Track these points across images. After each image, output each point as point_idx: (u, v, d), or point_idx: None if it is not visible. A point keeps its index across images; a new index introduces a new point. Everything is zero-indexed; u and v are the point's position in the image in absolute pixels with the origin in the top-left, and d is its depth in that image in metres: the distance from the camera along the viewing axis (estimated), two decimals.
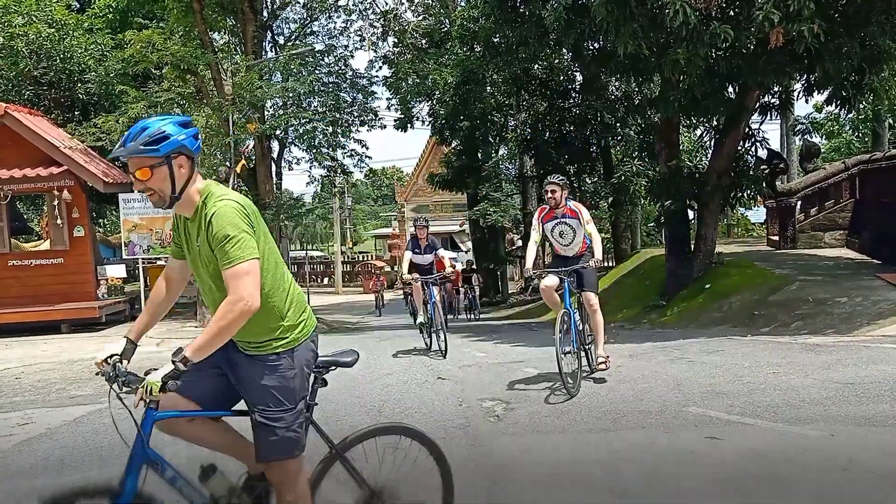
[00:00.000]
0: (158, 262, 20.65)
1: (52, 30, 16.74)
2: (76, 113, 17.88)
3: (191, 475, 2.85)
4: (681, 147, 17.05)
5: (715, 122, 14.69)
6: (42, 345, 12.53)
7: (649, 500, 3.98)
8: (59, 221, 15.17)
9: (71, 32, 17.39)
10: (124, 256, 17.17)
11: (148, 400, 2.64)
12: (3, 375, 9.58)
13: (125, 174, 17.03)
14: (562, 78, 21.32)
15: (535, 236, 7.05)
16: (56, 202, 15.05)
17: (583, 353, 7.02)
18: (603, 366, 6.95)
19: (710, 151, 15.49)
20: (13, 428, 6.41)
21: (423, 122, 25.90)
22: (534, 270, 7.10)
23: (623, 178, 20.57)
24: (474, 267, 21.57)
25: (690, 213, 16.25)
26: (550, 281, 6.88)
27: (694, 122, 16.36)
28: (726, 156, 14.06)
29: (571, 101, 21.79)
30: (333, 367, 3.15)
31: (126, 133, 2.69)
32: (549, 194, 6.82)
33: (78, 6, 19.59)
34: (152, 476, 2.74)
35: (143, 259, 16.61)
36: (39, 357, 11.20)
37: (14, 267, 15.19)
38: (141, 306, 16.25)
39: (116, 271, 17.18)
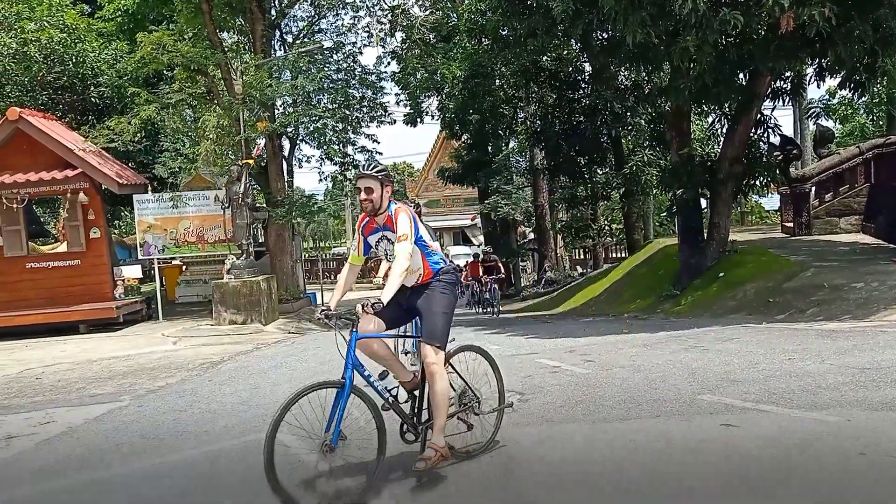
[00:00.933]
0: (173, 262, 20.86)
1: (65, 35, 16.87)
2: (90, 116, 18.04)
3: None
4: (692, 135, 16.94)
5: (726, 109, 14.60)
6: (61, 345, 12.69)
7: (664, 489, 3.99)
8: (75, 223, 15.33)
9: (83, 37, 17.53)
10: (140, 257, 17.34)
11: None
12: (24, 376, 9.72)
13: (139, 175, 17.20)
14: (570, 69, 21.23)
15: (352, 255, 4.73)
16: (71, 205, 15.20)
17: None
18: (424, 463, 4.18)
19: (722, 139, 15.39)
20: (35, 427, 6.52)
21: (432, 116, 25.93)
22: (334, 310, 4.29)
23: (634, 167, 20.48)
24: (494, 256, 20.69)
25: (703, 202, 16.16)
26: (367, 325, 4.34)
27: (705, 109, 16.24)
28: (738, 143, 13.97)
29: (581, 91, 21.70)
30: None
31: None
32: (363, 195, 4.36)
33: (89, 10, 19.72)
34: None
35: (158, 259, 16.77)
36: (59, 357, 11.34)
37: (32, 269, 15.36)
38: (157, 306, 16.42)
39: (132, 272, 17.36)
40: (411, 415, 4.49)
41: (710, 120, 21.71)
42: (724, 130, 15.11)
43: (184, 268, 21.72)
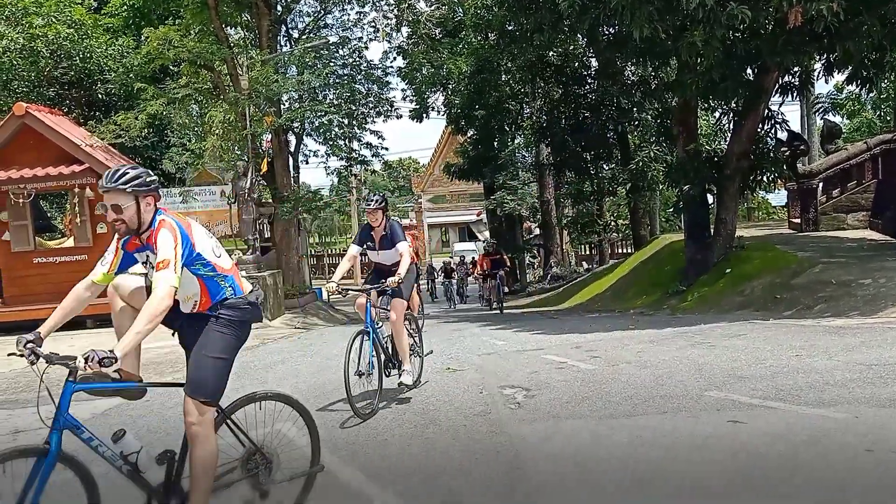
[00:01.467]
0: None
1: (72, 31, 16.91)
2: (96, 111, 18.07)
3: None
4: (699, 130, 16.88)
5: (734, 105, 14.53)
6: (69, 340, 12.71)
7: (671, 484, 3.99)
8: (81, 219, 15.36)
9: (90, 33, 17.56)
10: None
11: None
12: (31, 371, 9.73)
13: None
14: (577, 64, 21.16)
15: (99, 272, 3.74)
16: (78, 200, 15.24)
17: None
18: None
19: (729, 134, 15.33)
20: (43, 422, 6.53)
21: (438, 111, 25.88)
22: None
23: (641, 163, 20.41)
24: (500, 250, 20.74)
25: (710, 198, 16.11)
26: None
27: (712, 104, 16.17)
28: (746, 138, 13.91)
29: (587, 87, 21.63)
30: None
31: None
32: (111, 215, 3.56)
33: (95, 5, 19.76)
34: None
35: None
36: (67, 352, 11.34)
37: (39, 264, 15.40)
38: None
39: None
40: (166, 484, 3.44)
41: (716, 115, 21.66)
42: (732, 126, 15.06)
43: None
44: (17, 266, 15.23)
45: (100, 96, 18.15)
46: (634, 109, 20.65)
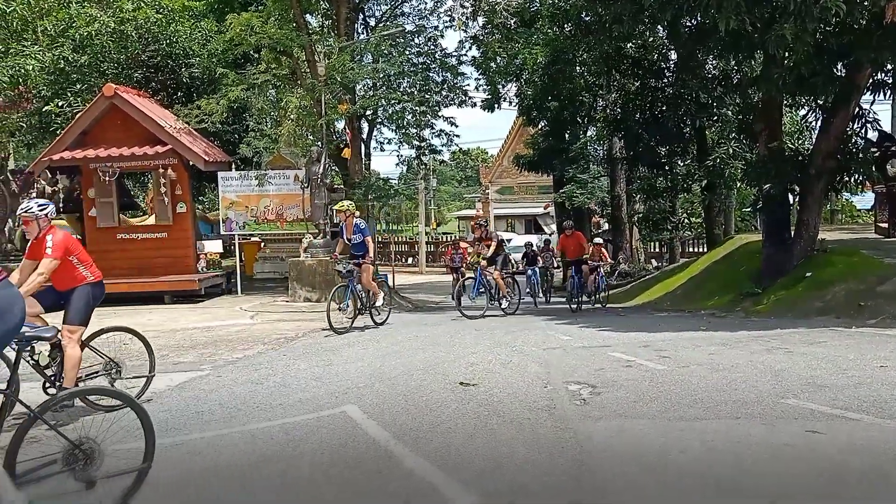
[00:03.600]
0: (252, 239, 21.49)
1: (160, 15, 17.50)
2: (180, 95, 18.68)
3: None
4: (783, 128, 16.23)
5: (821, 102, 13.90)
6: (147, 314, 13.26)
7: (743, 493, 3.86)
8: (163, 198, 15.96)
9: (176, 18, 18.13)
10: (221, 232, 17.92)
11: None
12: (111, 341, 10.15)
13: (224, 153, 17.75)
14: (655, 56, 20.62)
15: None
16: (161, 179, 15.83)
17: None
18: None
19: (816, 132, 14.68)
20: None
21: (510, 102, 25.66)
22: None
23: (718, 160, 19.77)
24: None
25: (791, 198, 15.49)
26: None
27: (798, 101, 15.52)
28: (833, 137, 13.29)
29: (665, 80, 21.06)
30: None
31: None
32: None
33: None
34: None
35: (238, 235, 17.29)
36: (145, 325, 11.81)
37: (122, 240, 16.10)
38: (237, 280, 16.97)
39: (214, 246, 17.94)
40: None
41: (802, 112, 20.77)
42: (819, 123, 14.42)
43: (262, 245, 22.35)
44: (102, 241, 15.95)
45: (184, 80, 18.74)
46: (714, 104, 19.99)
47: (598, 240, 19.15)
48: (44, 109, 17.17)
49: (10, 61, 15.08)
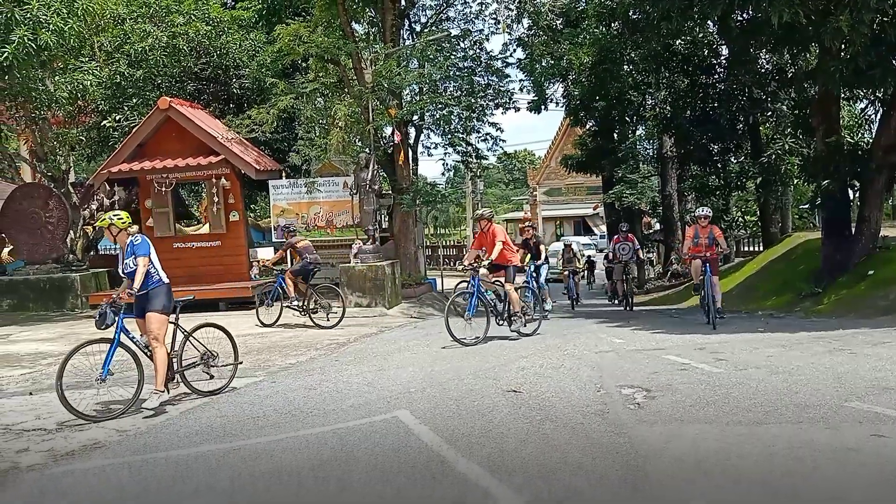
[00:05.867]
0: None
1: (210, 28, 17.92)
2: (231, 105, 19.08)
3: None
4: (840, 122, 15.74)
5: (880, 94, 13.44)
6: (202, 319, 13.52)
7: (805, 500, 3.74)
8: (216, 207, 16.31)
9: (226, 30, 18.54)
10: (273, 240, 18.23)
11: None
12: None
13: (274, 162, 18.07)
14: (706, 53, 20.22)
15: None
16: (214, 189, 16.19)
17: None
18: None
19: (875, 126, 14.18)
20: (180, 396, 7.01)
21: (556, 103, 25.50)
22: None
23: (774, 156, 19.26)
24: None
25: (851, 194, 15.00)
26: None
27: (856, 94, 15.02)
28: (894, 130, 12.84)
29: (716, 76, 20.63)
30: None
31: None
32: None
33: (229, 2, 20.81)
34: None
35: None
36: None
37: (178, 249, 16.50)
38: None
39: (266, 254, 18.25)
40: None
41: (860, 106, 20.10)
42: (878, 116, 13.95)
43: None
44: (159, 251, 15.99)
45: (234, 91, 19.14)
46: (768, 99, 19.50)
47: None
48: (102, 123, 17.74)
49: (69, 77, 15.63)
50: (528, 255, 14.32)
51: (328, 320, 12.31)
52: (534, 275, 14.12)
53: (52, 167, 17.44)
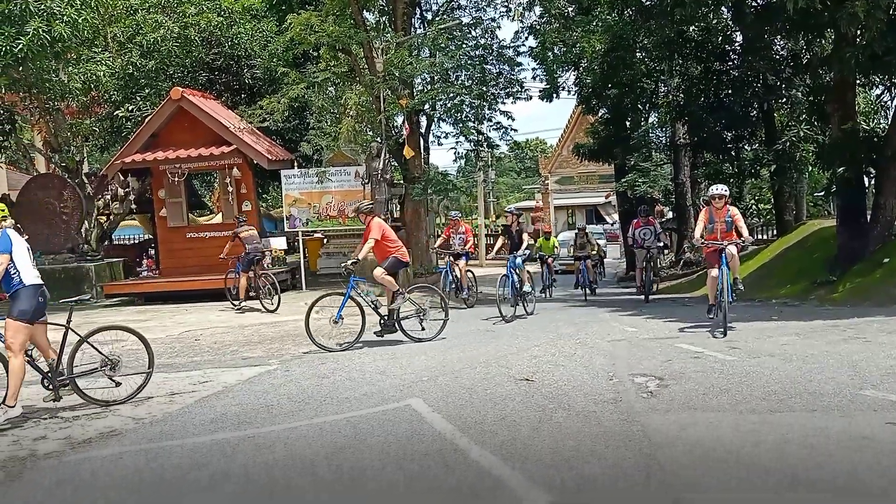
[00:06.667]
0: (315, 235, 21.86)
1: (221, 18, 17.93)
2: (243, 95, 19.11)
3: None
4: (856, 108, 15.55)
5: None
6: (217, 311, 13.65)
7: (820, 488, 3.73)
8: (229, 197, 16.38)
9: (237, 20, 18.55)
10: (286, 229, 18.30)
11: None
12: (184, 337, 10.53)
13: (286, 152, 18.10)
14: (720, 39, 20.00)
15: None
16: (227, 179, 16.25)
17: None
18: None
19: (892, 112, 14.03)
20: (195, 385, 7.07)
21: (568, 91, 25.33)
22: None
23: (788, 143, 19.07)
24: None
25: (866, 181, 14.84)
26: None
27: (872, 80, 14.83)
28: None
29: (730, 63, 20.42)
30: None
31: None
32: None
33: None
34: None
35: (302, 232, 17.62)
36: (215, 321, 12.21)
37: (191, 239, 16.61)
38: (301, 276, 17.31)
39: (278, 243, 18.33)
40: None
41: (876, 92, 19.84)
42: (894, 103, 13.78)
43: (325, 241, 22.72)
44: (173, 240, 16.50)
45: (246, 81, 19.17)
46: (783, 86, 19.28)
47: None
48: (115, 114, 17.83)
49: (83, 68, 15.71)
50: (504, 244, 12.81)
51: (273, 304, 13.07)
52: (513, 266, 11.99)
53: (66, 158, 17.56)
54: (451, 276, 14.04)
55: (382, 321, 9.48)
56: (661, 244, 17.16)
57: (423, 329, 9.36)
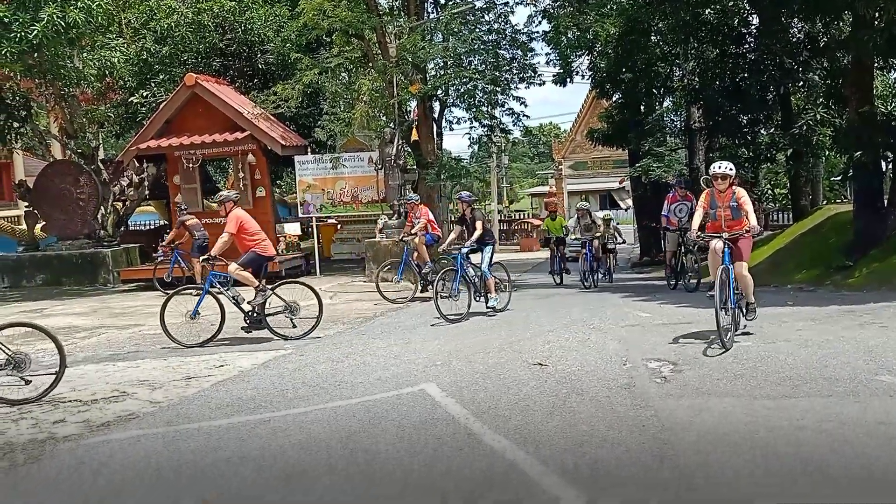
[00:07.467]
0: (329, 221, 21.92)
1: (234, 3, 17.93)
2: (257, 81, 19.14)
3: None
4: (874, 92, 15.34)
5: None
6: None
7: (835, 474, 3.73)
8: (243, 183, 16.45)
9: (250, 5, 18.55)
10: (299, 215, 18.35)
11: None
12: (200, 321, 10.51)
13: (300, 138, 18.12)
14: (735, 22, 19.75)
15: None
16: (241, 165, 16.31)
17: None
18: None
19: None
20: (211, 369, 7.14)
21: (582, 76, 25.14)
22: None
23: (805, 127, 18.85)
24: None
25: (884, 166, 14.67)
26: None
27: (891, 63, 14.62)
28: None
29: (746, 46, 20.17)
30: None
31: None
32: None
33: None
34: None
35: (315, 217, 17.67)
36: (232, 308, 12.25)
37: (206, 225, 16.63)
38: (315, 262, 17.38)
39: (292, 229, 18.40)
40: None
41: (895, 76, 19.58)
42: None
43: (339, 226, 22.78)
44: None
45: (259, 66, 19.18)
46: (800, 69, 19.04)
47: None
48: (129, 100, 17.92)
49: (97, 54, 15.78)
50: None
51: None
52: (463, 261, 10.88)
53: (82, 144, 17.68)
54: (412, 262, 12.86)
55: (247, 317, 9.05)
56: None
57: (294, 326, 8.81)
